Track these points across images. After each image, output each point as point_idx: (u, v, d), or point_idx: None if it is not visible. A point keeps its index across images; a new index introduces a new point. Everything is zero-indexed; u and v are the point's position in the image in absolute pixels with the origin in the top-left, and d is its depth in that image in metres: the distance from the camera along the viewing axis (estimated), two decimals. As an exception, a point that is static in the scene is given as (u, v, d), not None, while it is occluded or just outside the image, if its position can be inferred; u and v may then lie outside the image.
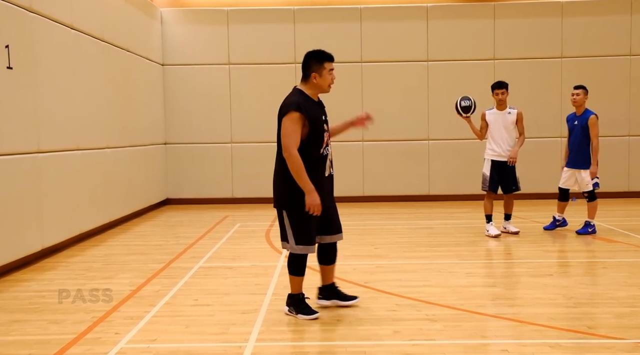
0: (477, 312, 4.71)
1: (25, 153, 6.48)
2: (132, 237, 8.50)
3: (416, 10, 11.80)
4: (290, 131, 4.39)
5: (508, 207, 8.07)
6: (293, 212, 4.52)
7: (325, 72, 4.61)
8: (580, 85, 8.06)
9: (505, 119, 7.88)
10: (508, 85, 7.98)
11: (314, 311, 4.64)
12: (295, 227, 4.52)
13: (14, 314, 4.83)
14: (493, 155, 7.91)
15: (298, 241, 4.53)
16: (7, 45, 6.11)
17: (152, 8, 11.28)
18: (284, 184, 4.52)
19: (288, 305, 4.71)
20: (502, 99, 7.87)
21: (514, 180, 7.92)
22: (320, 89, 4.63)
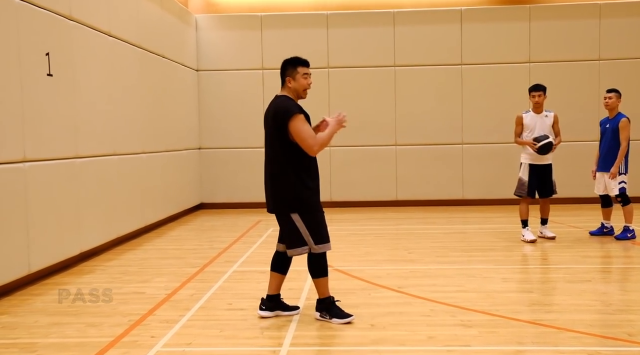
0: (513, 318, 4.65)
1: (64, 158, 6.62)
2: (167, 241, 8.60)
3: (450, 13, 11.72)
4: (302, 131, 4.48)
5: (544, 212, 7.95)
6: (306, 214, 4.55)
7: (298, 76, 4.63)
8: (613, 88, 7.96)
9: (542, 122, 7.77)
10: (546, 88, 7.87)
11: (348, 314, 4.63)
12: (312, 228, 4.55)
13: (53, 317, 4.92)
14: (531, 159, 7.79)
15: (317, 241, 4.56)
16: (47, 53, 6.25)
17: (187, 14, 11.43)
18: (291, 188, 4.54)
19: (319, 311, 4.70)
20: (539, 101, 7.75)
21: (552, 184, 7.81)
22: (295, 93, 4.67)
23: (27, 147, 5.88)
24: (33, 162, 5.98)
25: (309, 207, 4.54)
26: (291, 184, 4.53)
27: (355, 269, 6.42)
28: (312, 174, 4.60)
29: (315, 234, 4.56)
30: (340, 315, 4.61)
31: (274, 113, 4.56)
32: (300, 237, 4.57)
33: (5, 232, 5.51)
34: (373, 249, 7.62)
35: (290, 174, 4.53)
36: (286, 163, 4.54)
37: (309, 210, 4.55)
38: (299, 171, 4.53)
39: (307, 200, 4.53)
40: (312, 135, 4.49)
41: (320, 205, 4.65)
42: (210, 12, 12.22)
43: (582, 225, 8.91)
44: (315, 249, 4.57)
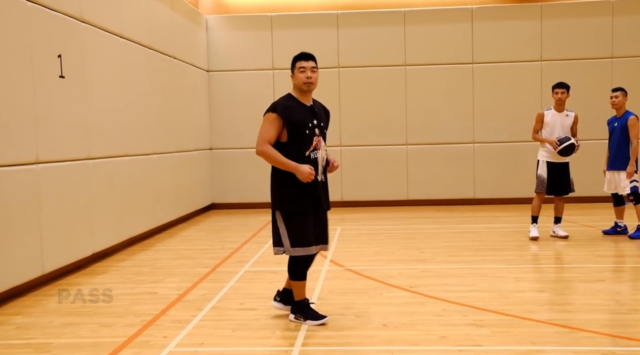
0: (526, 317, 4.62)
1: (76, 160, 6.65)
2: (178, 241, 8.63)
3: (461, 12, 11.68)
4: (262, 130, 4.50)
5: (559, 210, 7.90)
6: (286, 213, 4.52)
7: (296, 71, 4.61)
8: (619, 87, 7.95)
9: (563, 120, 7.76)
10: (569, 86, 7.83)
11: (323, 315, 4.61)
12: (290, 228, 4.51)
13: (67, 317, 4.95)
14: (549, 157, 7.78)
15: (294, 243, 4.50)
16: (59, 55, 6.29)
17: (198, 15, 11.46)
18: (274, 185, 4.58)
19: (293, 313, 4.67)
20: (562, 98, 7.73)
21: (569, 182, 7.79)
22: (297, 88, 4.64)
23: (40, 149, 5.91)
24: (46, 163, 6.01)
25: (292, 207, 4.49)
26: (277, 182, 4.55)
27: (367, 269, 6.42)
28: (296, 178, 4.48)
29: (293, 236, 4.50)
30: (315, 317, 4.59)
31: None
32: (279, 237, 4.55)
33: (19, 233, 5.54)
34: (384, 249, 7.61)
35: (276, 171, 4.55)
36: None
37: (292, 211, 4.50)
38: (283, 172, 4.50)
39: (290, 200, 4.49)
40: (265, 138, 4.46)
41: (309, 207, 4.52)
42: (220, 12, 12.25)
43: (595, 224, 8.86)
44: (290, 252, 4.52)
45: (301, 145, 4.50)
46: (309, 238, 4.53)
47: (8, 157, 5.42)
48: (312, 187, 4.52)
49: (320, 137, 4.60)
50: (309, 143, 4.52)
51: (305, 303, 4.66)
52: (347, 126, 11.74)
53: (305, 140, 4.51)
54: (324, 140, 4.65)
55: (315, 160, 4.55)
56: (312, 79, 4.57)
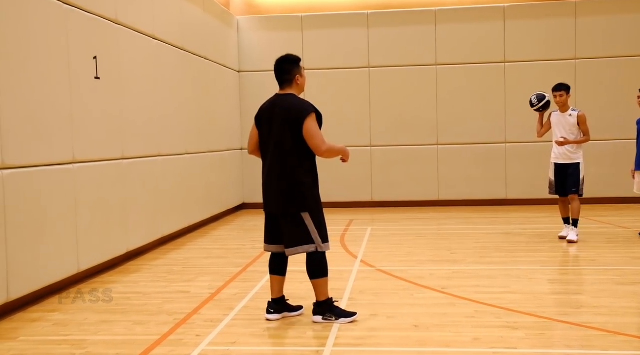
0: (561, 320, 4.56)
1: (111, 160, 6.76)
2: (210, 241, 8.70)
3: (493, 10, 11.57)
4: (317, 130, 4.53)
5: (574, 212, 7.73)
6: (316, 212, 4.59)
7: (303, 72, 4.72)
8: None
9: (566, 121, 7.70)
10: (570, 87, 7.79)
11: (353, 313, 4.65)
12: (320, 227, 4.60)
13: (102, 315, 5.03)
14: (553, 157, 7.84)
15: (325, 239, 4.62)
16: (95, 56, 6.39)
17: (229, 16, 11.54)
18: (303, 187, 4.55)
19: (321, 314, 4.63)
20: (561, 101, 7.70)
21: (575, 182, 7.64)
22: (301, 90, 4.75)
23: (76, 149, 6.02)
24: (82, 163, 6.12)
25: (318, 205, 4.63)
26: (302, 183, 4.55)
27: (397, 270, 6.40)
28: (316, 173, 4.67)
29: (323, 232, 4.61)
30: (346, 315, 4.61)
31: (289, 111, 4.54)
32: (309, 236, 4.56)
33: (57, 232, 5.65)
34: (415, 250, 7.57)
35: (303, 173, 4.56)
36: (298, 162, 4.54)
37: (318, 209, 4.62)
38: (309, 170, 4.60)
39: (317, 199, 4.61)
40: (322, 135, 4.56)
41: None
42: (251, 13, 12.32)
43: (632, 225, 8.69)
44: (323, 248, 4.60)
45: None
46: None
47: (46, 157, 5.53)
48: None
49: None
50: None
51: (332, 302, 4.67)
52: (377, 126, 11.71)
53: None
54: None
55: None
56: None
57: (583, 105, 10.44)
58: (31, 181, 5.30)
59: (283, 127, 4.55)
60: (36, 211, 5.35)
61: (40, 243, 5.40)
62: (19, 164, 5.15)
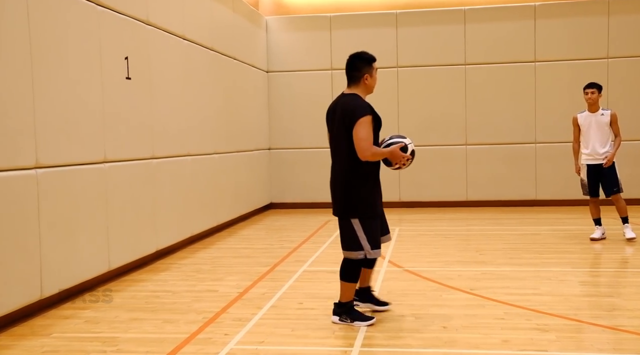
0: (593, 323, 4.50)
1: (141, 159, 6.84)
2: (238, 240, 8.75)
3: (523, 9, 11.44)
4: (365, 134, 4.41)
5: (621, 211, 7.68)
6: (365, 219, 4.52)
7: (374, 73, 4.64)
8: None
9: (598, 120, 7.61)
10: (602, 87, 7.68)
11: (370, 317, 4.62)
12: (369, 233, 4.52)
13: (132, 313, 5.10)
14: (587, 159, 7.74)
15: (374, 246, 4.55)
16: (126, 57, 6.48)
17: (258, 17, 11.59)
18: (354, 193, 4.51)
19: (338, 315, 4.64)
20: (592, 98, 7.59)
21: (613, 181, 7.58)
22: (369, 91, 4.67)
23: (107, 148, 6.10)
24: (113, 162, 6.20)
25: (370, 212, 4.53)
26: (353, 188, 4.51)
27: (425, 270, 6.36)
28: (373, 178, 4.57)
29: (372, 239, 4.53)
30: (363, 318, 4.58)
31: (344, 112, 4.49)
32: (358, 242, 4.53)
33: (89, 231, 5.74)
34: (443, 250, 7.53)
35: (352, 179, 4.51)
36: (351, 165, 4.50)
37: (369, 216, 4.53)
38: (364, 175, 4.51)
39: (368, 206, 4.52)
40: (370, 139, 4.44)
41: (378, 210, 4.63)
42: (280, 13, 12.36)
43: (665, 227, 8.53)
44: (371, 254, 4.55)
45: (376, 142, 4.59)
46: (380, 240, 4.64)
47: (78, 156, 5.62)
48: (379, 190, 4.65)
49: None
50: (378, 140, 4.66)
51: (352, 305, 4.65)
52: (406, 126, 11.65)
53: (379, 138, 4.64)
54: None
55: (379, 163, 4.68)
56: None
57: (615, 105, 10.26)
58: (64, 180, 5.39)
59: (339, 129, 4.54)
60: (68, 210, 5.44)
61: (73, 241, 5.49)
62: (53, 163, 5.23)
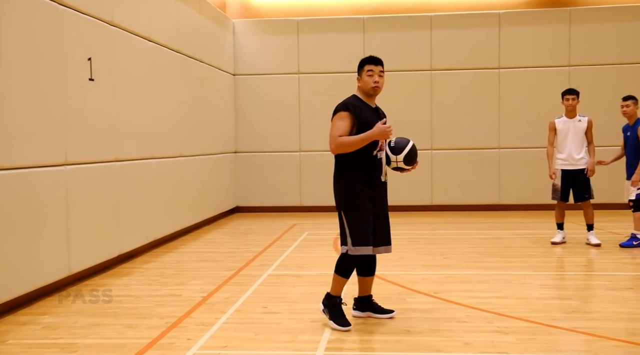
0: (552, 325, 4.57)
1: (104, 162, 6.74)
2: (203, 244, 8.68)
3: (488, 17, 11.61)
4: (333, 129, 4.54)
5: (588, 217, 7.83)
6: (349, 214, 4.57)
7: (364, 74, 4.64)
8: (629, 95, 7.78)
9: (576, 126, 7.75)
10: (579, 93, 7.82)
11: (347, 323, 4.58)
12: (353, 228, 4.55)
13: (93, 318, 5.01)
14: (563, 164, 7.80)
15: (355, 242, 4.53)
16: (89, 58, 6.38)
17: (225, 19, 11.54)
18: (340, 185, 4.62)
19: (324, 305, 4.69)
20: (572, 104, 7.73)
21: (586, 188, 7.73)
22: (364, 91, 4.66)
23: (69, 150, 6.00)
24: (74, 165, 6.10)
25: (355, 206, 4.54)
26: (340, 180, 4.61)
27: (390, 274, 6.39)
28: (365, 176, 4.56)
29: (355, 235, 4.53)
30: (340, 322, 4.57)
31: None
32: (345, 236, 4.60)
33: (47, 234, 5.63)
34: (408, 254, 7.58)
35: (341, 171, 4.61)
36: (339, 162, 4.63)
37: (354, 210, 4.54)
38: (351, 169, 4.56)
39: (353, 200, 4.54)
40: (337, 134, 4.51)
41: (370, 206, 4.55)
42: (247, 16, 12.33)
43: (623, 231, 8.71)
44: (352, 251, 4.55)
45: (369, 144, 4.53)
46: (370, 237, 4.56)
47: (38, 158, 5.52)
48: (374, 187, 4.60)
49: (383, 139, 4.66)
50: (376, 143, 4.58)
51: (337, 302, 4.66)
52: (372, 130, 11.71)
53: (374, 141, 4.55)
54: (385, 143, 4.72)
55: (380, 160, 4.65)
56: (380, 83, 4.62)
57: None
58: (23, 182, 5.28)
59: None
60: (27, 213, 5.34)
61: (31, 245, 5.38)
62: (11, 165, 5.13)
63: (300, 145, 11.97)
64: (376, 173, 4.62)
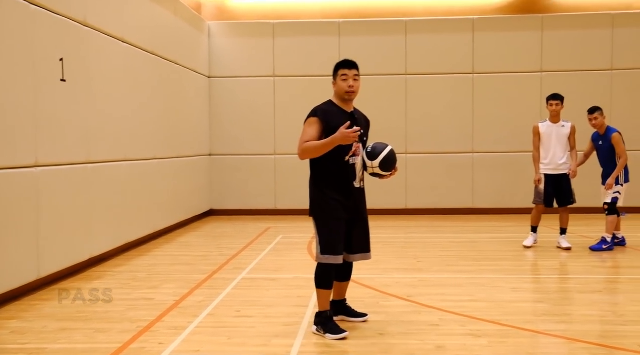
0: (524, 328, 4.61)
1: (76, 164, 6.65)
2: (176, 247, 8.61)
3: (462, 22, 11.72)
4: (304, 133, 4.51)
5: (563, 222, 7.94)
6: (320, 221, 4.54)
7: (338, 79, 4.57)
8: (594, 107, 7.87)
9: (559, 131, 7.83)
10: (564, 98, 7.90)
11: (342, 330, 4.50)
12: (322, 236, 4.51)
13: (62, 322, 4.93)
14: (547, 169, 7.84)
15: (324, 250, 4.49)
16: (61, 59, 6.30)
17: (200, 22, 11.48)
18: (312, 192, 4.60)
19: (316, 325, 4.61)
20: (556, 110, 7.81)
21: (570, 193, 7.82)
22: (339, 96, 4.60)
23: (39, 152, 5.91)
24: (45, 167, 6.00)
25: (325, 214, 4.50)
26: (312, 187, 4.60)
27: (365, 278, 6.40)
28: (338, 181, 4.50)
29: (324, 243, 4.49)
30: (335, 331, 4.49)
31: None
32: (316, 243, 4.57)
33: (16, 237, 5.53)
34: (382, 258, 7.59)
35: (313, 178, 4.59)
36: (311, 167, 4.60)
37: (324, 218, 4.51)
38: (321, 175, 4.53)
39: (322, 207, 4.50)
40: (304, 140, 4.47)
41: (341, 214, 4.48)
42: (223, 19, 12.28)
43: (594, 235, 8.84)
44: (320, 259, 4.51)
45: (340, 150, 4.46)
46: (338, 246, 4.48)
47: (7, 160, 5.42)
48: (345, 193, 4.52)
49: (359, 144, 4.58)
50: (348, 148, 4.49)
51: (328, 315, 4.57)
52: (347, 134, 11.73)
53: (345, 146, 4.46)
54: (363, 148, 4.63)
55: (353, 165, 4.55)
56: (354, 87, 4.54)
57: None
58: (-8, 185, 5.19)
59: None
60: (-4, 215, 5.24)
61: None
62: (-21, 167, 5.04)
63: (276, 148, 11.94)
64: (349, 179, 4.53)
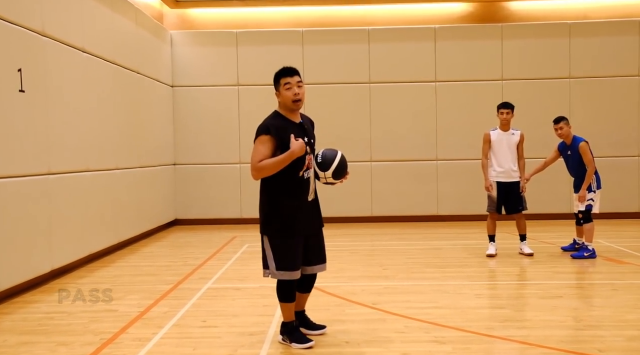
0: (486, 334, 4.68)
1: (36, 175, 6.54)
2: (140, 258, 8.51)
3: (424, 31, 11.87)
4: (254, 154, 4.29)
5: (520, 228, 8.07)
6: (274, 237, 4.39)
7: (281, 88, 4.39)
8: (560, 116, 8.00)
9: (509, 139, 7.96)
10: (514, 106, 8.05)
11: (308, 340, 4.49)
12: (277, 253, 4.38)
13: (22, 336, 4.84)
14: (499, 176, 7.95)
15: (279, 266, 4.38)
16: (19, 69, 6.19)
17: (162, 31, 11.41)
18: (263, 209, 4.43)
19: (282, 334, 4.59)
20: (507, 118, 7.94)
21: (520, 200, 7.94)
22: (284, 106, 4.43)
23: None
24: (3, 178, 5.89)
25: (279, 231, 4.37)
26: (265, 204, 4.43)
27: (330, 285, 6.42)
28: (292, 198, 4.37)
29: (279, 260, 4.37)
30: (300, 341, 4.47)
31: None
32: (265, 260, 4.44)
33: (-26, 250, 5.41)
34: (348, 265, 7.63)
35: (265, 195, 4.42)
36: (265, 183, 4.41)
37: (278, 235, 4.38)
38: (275, 192, 4.37)
39: (277, 224, 4.37)
40: (257, 159, 4.24)
41: (296, 230, 4.36)
42: (185, 28, 12.23)
43: (555, 241, 9.02)
44: (275, 275, 4.40)
45: (295, 166, 4.32)
46: (295, 262, 4.37)
47: (-36, 172, 5.31)
48: (301, 208, 4.40)
49: (311, 155, 4.47)
50: (302, 163, 4.36)
51: (293, 325, 4.54)
52: (312, 142, 11.77)
53: (298, 161, 4.32)
54: (312, 154, 4.53)
55: (307, 179, 4.43)
56: (300, 94, 4.36)
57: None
58: (-52, 197, 5.07)
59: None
60: (-47, 228, 5.12)
61: (-42, 262, 5.16)
62: (-64, 179, 4.92)
63: (241, 157, 11.91)
64: (303, 194, 4.41)
